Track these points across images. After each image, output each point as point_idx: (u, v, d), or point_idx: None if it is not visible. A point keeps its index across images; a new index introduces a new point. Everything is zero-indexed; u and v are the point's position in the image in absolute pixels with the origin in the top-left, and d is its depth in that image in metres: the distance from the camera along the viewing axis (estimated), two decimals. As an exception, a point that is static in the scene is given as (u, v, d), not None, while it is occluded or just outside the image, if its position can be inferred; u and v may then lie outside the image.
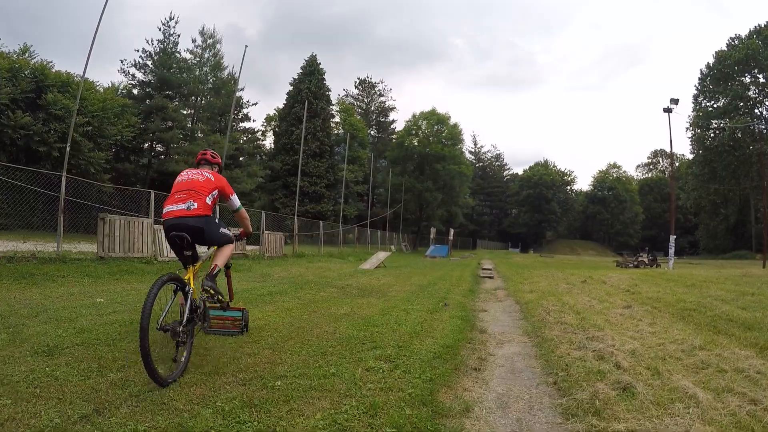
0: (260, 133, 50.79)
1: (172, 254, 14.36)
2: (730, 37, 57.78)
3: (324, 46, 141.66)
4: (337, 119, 56.11)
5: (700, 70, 60.50)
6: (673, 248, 26.08)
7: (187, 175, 4.62)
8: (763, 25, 54.36)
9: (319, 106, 49.37)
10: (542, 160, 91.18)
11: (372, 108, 76.89)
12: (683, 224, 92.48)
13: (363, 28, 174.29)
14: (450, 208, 55.98)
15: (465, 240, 74.21)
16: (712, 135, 59.32)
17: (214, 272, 4.50)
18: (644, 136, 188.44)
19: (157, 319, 3.69)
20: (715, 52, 58.26)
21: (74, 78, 32.06)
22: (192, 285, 4.23)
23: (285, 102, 51.45)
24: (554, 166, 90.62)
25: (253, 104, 49.69)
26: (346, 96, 73.09)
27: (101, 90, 34.63)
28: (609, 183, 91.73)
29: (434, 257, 34.99)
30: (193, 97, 44.07)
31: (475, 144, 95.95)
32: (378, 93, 77.35)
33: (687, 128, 61.63)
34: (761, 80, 54.57)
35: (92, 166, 29.71)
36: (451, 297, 10.07)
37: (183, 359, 3.98)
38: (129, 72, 40.42)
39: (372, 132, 73.89)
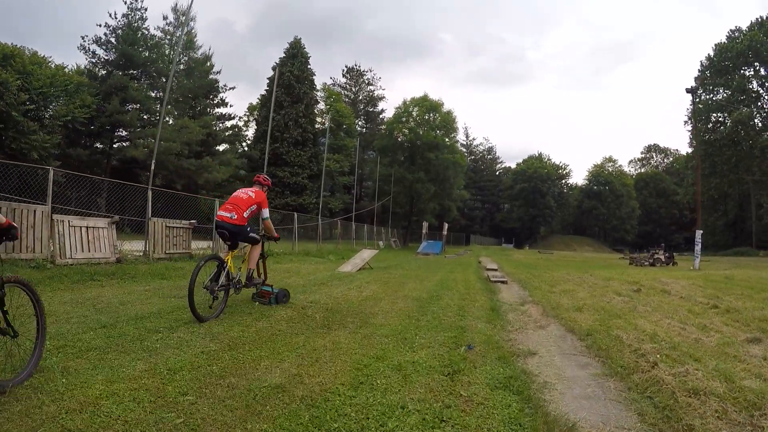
0: (238, 119, 46.62)
1: (79, 256, 10.66)
2: (730, 30, 56.46)
3: (313, 41, 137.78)
4: (321, 106, 52.31)
5: (700, 61, 59.23)
6: (700, 245, 22.76)
7: (238, 192, 6.95)
8: (765, 17, 52.67)
9: (301, 90, 45.70)
10: (536, 153, 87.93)
11: (360, 97, 73.07)
12: (678, 220, 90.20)
13: (353, 23, 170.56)
14: (443, 201, 51.80)
15: (458, 235, 70.66)
16: (711, 128, 57.63)
17: (250, 274, 7.00)
18: (637, 132, 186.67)
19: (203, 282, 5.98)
20: (715, 45, 57.02)
21: (25, 52, 28.31)
22: (229, 263, 6.41)
23: (267, 88, 47.52)
24: (549, 160, 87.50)
25: (230, 88, 45.56)
26: (334, 85, 69.22)
27: (53, 66, 30.55)
28: (605, 177, 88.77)
29: (427, 254, 31.42)
30: (163, 79, 40.00)
31: (467, 137, 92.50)
32: (366, 82, 73.62)
33: (685, 122, 60.96)
34: (762, 73, 53.40)
35: (36, 150, 25.84)
36: (469, 324, 6.47)
37: (217, 309, 6.12)
38: (89, 49, 36.38)
39: (360, 122, 70.23)
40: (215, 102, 44.84)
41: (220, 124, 45.83)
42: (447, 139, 49.45)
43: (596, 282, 12.29)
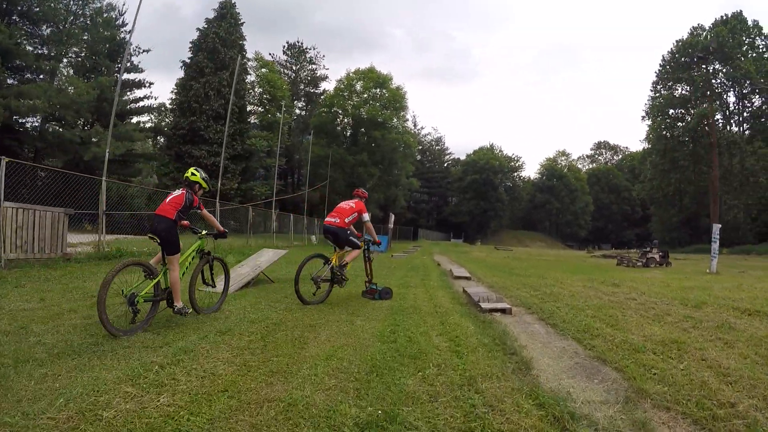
0: (150, 85, 38.72)
1: None
2: (693, 27, 55.28)
3: (260, 31, 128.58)
4: (253, 78, 45.13)
5: (663, 56, 57.68)
6: (718, 242, 17.91)
7: (342, 203, 8.14)
8: (730, 15, 51.18)
9: (227, 56, 38.48)
10: (488, 144, 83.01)
11: (301, 77, 65.79)
12: (630, 216, 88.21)
13: (301, 14, 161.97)
14: (389, 189, 44.94)
15: (404, 229, 64.26)
16: (670, 123, 56.18)
17: (344, 264, 7.72)
18: (585, 129, 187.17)
19: (310, 273, 7.27)
20: (676, 41, 55.71)
21: None
22: (334, 261, 7.56)
23: (190, 55, 39.73)
24: (501, 151, 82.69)
25: (144, 51, 37.86)
26: (273, 62, 61.51)
27: None
28: (558, 171, 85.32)
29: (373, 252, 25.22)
30: (52, 29, 32.29)
31: (415, 125, 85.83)
32: (309, 60, 66.23)
33: (643, 117, 59.02)
34: (723, 71, 51.51)
35: None
36: None
37: (322, 296, 7.48)
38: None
39: (300, 104, 63.30)
40: (121, 67, 37.19)
41: (129, 93, 38.32)
42: (396, 119, 43.01)
43: (680, 311, 6.49)
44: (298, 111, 62.66)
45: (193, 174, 5.91)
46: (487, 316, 6.66)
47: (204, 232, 6.22)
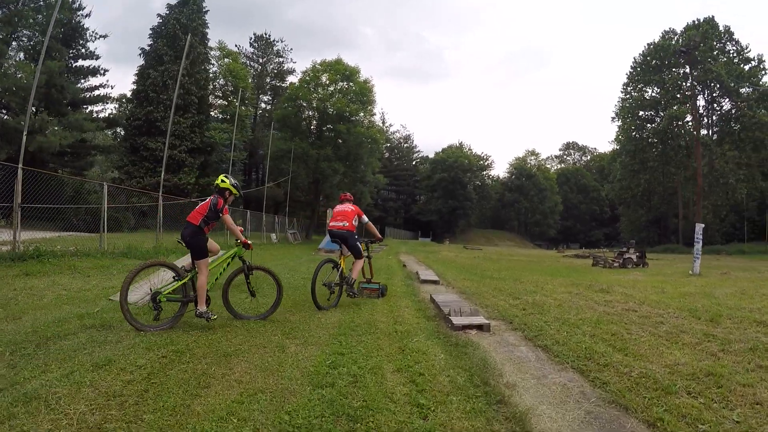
0: (104, 73, 36.61)
1: None
2: (665, 30, 55.50)
3: (231, 27, 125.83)
4: (216, 68, 43.04)
5: (634, 58, 57.38)
6: (701, 243, 17.02)
7: (340, 207, 8.10)
8: (702, 20, 51.14)
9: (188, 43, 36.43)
10: (457, 143, 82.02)
11: (268, 70, 63.72)
12: (599, 216, 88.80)
13: (273, 10, 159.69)
14: (355, 186, 42.33)
15: (372, 227, 62.70)
16: (640, 124, 56.31)
17: (352, 281, 7.61)
18: (554, 130, 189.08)
19: (322, 280, 7.19)
20: (647, 44, 55.72)
21: None
22: (342, 265, 7.68)
23: (150, 42, 37.47)
24: (470, 149, 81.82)
25: (101, 37, 35.82)
26: (240, 54, 59.15)
27: None
28: (528, 171, 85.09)
29: (332, 251, 23.92)
30: (3, 10, 30.14)
31: (383, 122, 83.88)
32: (276, 53, 64.21)
33: (613, 118, 58.90)
34: (693, 74, 51.27)
35: None
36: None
37: (333, 302, 7.37)
38: None
39: (266, 98, 61.41)
40: (75, 53, 35.21)
41: (83, 80, 36.11)
42: (363, 113, 41.19)
43: (695, 327, 5.24)
44: (263, 105, 60.85)
45: (222, 181, 6.00)
46: (461, 336, 5.36)
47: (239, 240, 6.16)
